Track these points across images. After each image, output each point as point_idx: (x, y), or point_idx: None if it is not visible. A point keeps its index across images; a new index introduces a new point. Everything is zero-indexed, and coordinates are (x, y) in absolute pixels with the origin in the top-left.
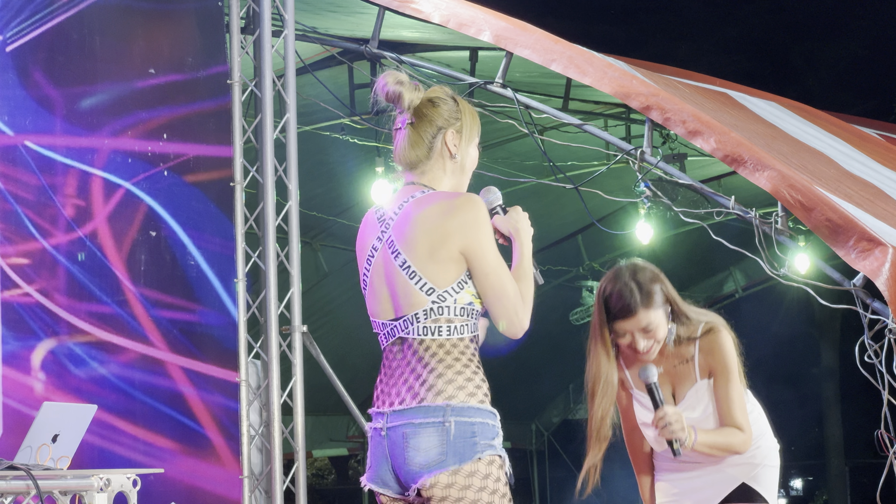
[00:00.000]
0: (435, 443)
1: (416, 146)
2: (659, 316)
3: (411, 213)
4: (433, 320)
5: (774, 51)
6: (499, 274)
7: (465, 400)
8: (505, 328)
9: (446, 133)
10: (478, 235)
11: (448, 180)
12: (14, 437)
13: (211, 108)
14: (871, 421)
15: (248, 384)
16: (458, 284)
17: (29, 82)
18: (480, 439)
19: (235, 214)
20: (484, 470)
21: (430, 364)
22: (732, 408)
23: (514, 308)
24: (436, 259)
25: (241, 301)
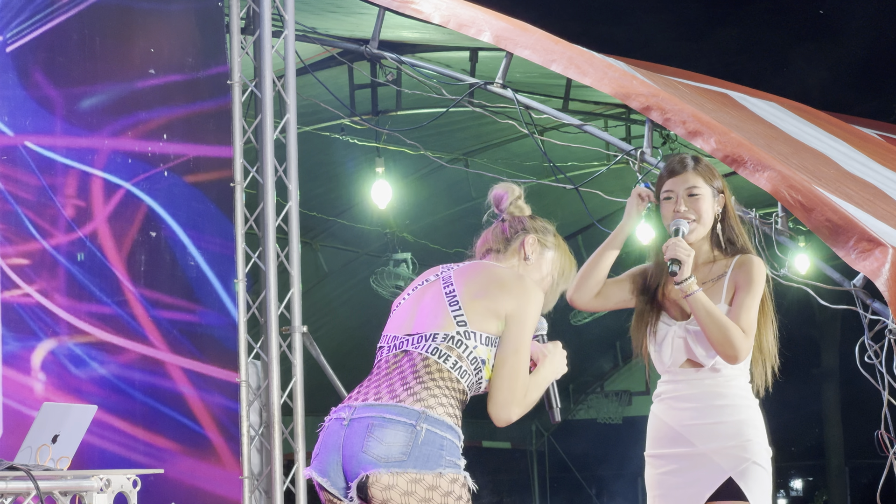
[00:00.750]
0: (400, 440)
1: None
2: (706, 190)
3: (482, 266)
4: (448, 347)
5: (774, 51)
6: (521, 359)
7: (442, 415)
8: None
9: (528, 237)
10: (528, 311)
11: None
12: (14, 437)
13: (211, 108)
14: (871, 421)
15: (248, 384)
16: (486, 338)
17: (29, 83)
18: (447, 454)
19: (235, 215)
20: (446, 487)
21: (423, 378)
22: (741, 312)
23: (513, 396)
24: (482, 304)
25: (241, 301)
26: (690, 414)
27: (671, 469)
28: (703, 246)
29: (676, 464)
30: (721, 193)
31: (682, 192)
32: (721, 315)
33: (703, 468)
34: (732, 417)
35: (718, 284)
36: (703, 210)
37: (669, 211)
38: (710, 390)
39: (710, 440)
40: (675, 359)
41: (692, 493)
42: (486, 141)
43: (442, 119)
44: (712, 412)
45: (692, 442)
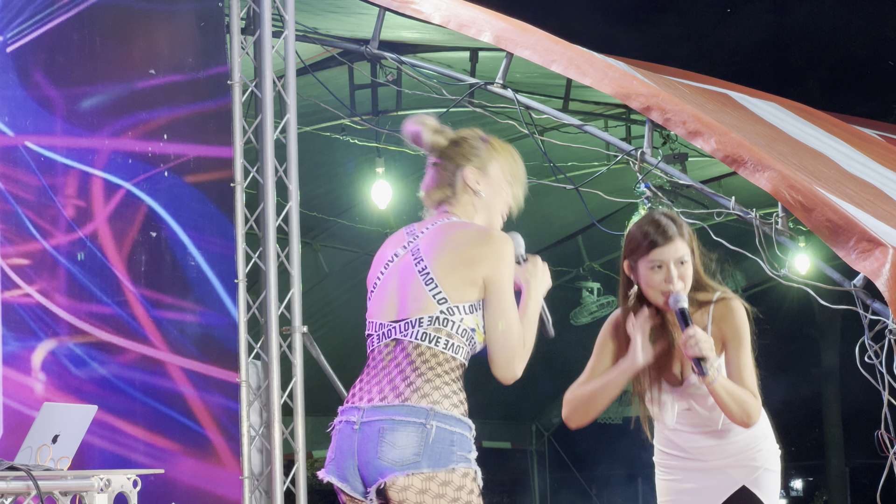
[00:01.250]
0: (413, 442)
1: (440, 186)
2: (687, 251)
3: (444, 231)
4: (435, 329)
5: (774, 51)
6: (511, 316)
7: (449, 409)
8: (498, 369)
9: (465, 170)
10: (503, 271)
11: (478, 216)
12: (14, 437)
13: (211, 108)
14: (871, 421)
15: (248, 385)
16: (469, 307)
17: (29, 83)
18: (458, 450)
19: (236, 215)
20: (458, 482)
21: (421, 369)
22: (744, 374)
23: (514, 353)
24: (457, 276)
25: (241, 301)
26: (698, 437)
27: (682, 478)
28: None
29: (688, 475)
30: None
31: (673, 263)
32: (738, 390)
33: (716, 479)
34: (741, 434)
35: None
36: (689, 276)
37: (658, 282)
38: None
39: (722, 457)
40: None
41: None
42: None
43: (442, 119)
44: (720, 434)
45: (703, 459)
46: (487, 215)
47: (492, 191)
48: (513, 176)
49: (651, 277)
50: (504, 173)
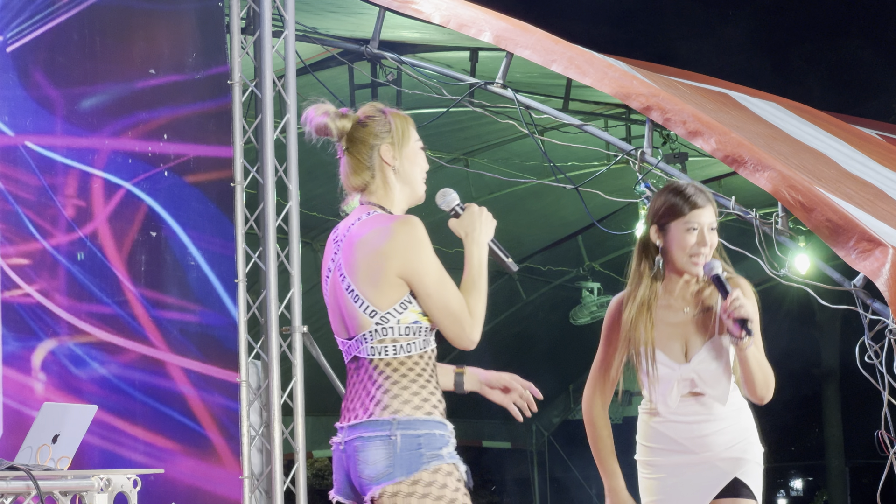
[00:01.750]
0: (382, 455)
1: (357, 171)
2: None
3: (355, 237)
4: (378, 341)
5: (774, 51)
6: (441, 292)
7: (411, 413)
8: (453, 342)
9: (381, 149)
10: (413, 258)
11: (398, 193)
12: (14, 437)
13: (211, 108)
14: (871, 421)
15: (248, 385)
16: (400, 305)
17: (29, 83)
18: (426, 450)
19: (236, 215)
20: (427, 478)
21: (378, 381)
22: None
23: (460, 323)
24: (375, 283)
25: (241, 301)
26: (690, 427)
27: (668, 475)
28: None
29: (675, 470)
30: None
31: (706, 226)
32: (764, 361)
33: (706, 473)
34: (732, 425)
35: (708, 316)
36: (716, 245)
37: (691, 244)
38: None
39: (712, 448)
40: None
41: (696, 495)
42: (486, 141)
43: (442, 119)
44: (711, 424)
45: (694, 451)
46: (410, 188)
47: (409, 161)
48: (410, 136)
49: (685, 239)
50: (404, 138)
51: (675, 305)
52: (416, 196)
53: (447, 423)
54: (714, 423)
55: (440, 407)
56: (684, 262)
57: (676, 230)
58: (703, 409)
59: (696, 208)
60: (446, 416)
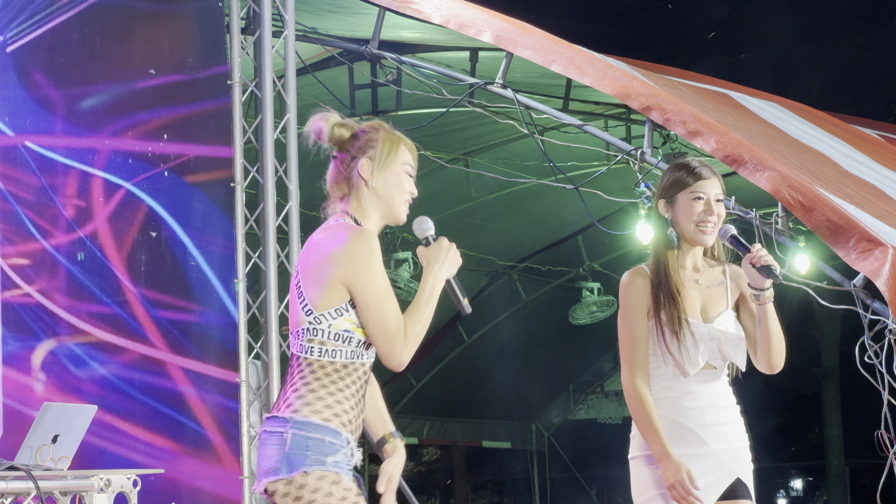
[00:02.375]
0: (274, 452)
1: (337, 180)
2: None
3: (315, 239)
4: (308, 339)
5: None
6: (379, 307)
7: (308, 415)
8: (383, 359)
9: (360, 162)
10: (359, 268)
11: (371, 210)
12: (14, 437)
13: (211, 108)
14: (871, 421)
15: (248, 384)
16: (336, 311)
17: (29, 83)
18: (313, 454)
19: (236, 215)
20: (313, 484)
21: (295, 379)
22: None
23: (392, 342)
24: (319, 285)
25: (241, 301)
26: (702, 414)
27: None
28: (700, 250)
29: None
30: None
31: (713, 196)
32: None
33: (715, 471)
34: (735, 419)
35: (721, 290)
36: (723, 216)
37: (698, 212)
38: (717, 392)
39: (722, 441)
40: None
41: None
42: (486, 141)
43: (442, 119)
44: (721, 414)
45: (707, 442)
46: (386, 208)
47: (388, 183)
48: (399, 161)
49: (692, 207)
50: (390, 160)
51: (690, 276)
52: (392, 217)
53: (342, 434)
54: (727, 412)
55: (343, 417)
56: (692, 231)
57: (683, 201)
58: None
59: (702, 179)
60: (446, 415)
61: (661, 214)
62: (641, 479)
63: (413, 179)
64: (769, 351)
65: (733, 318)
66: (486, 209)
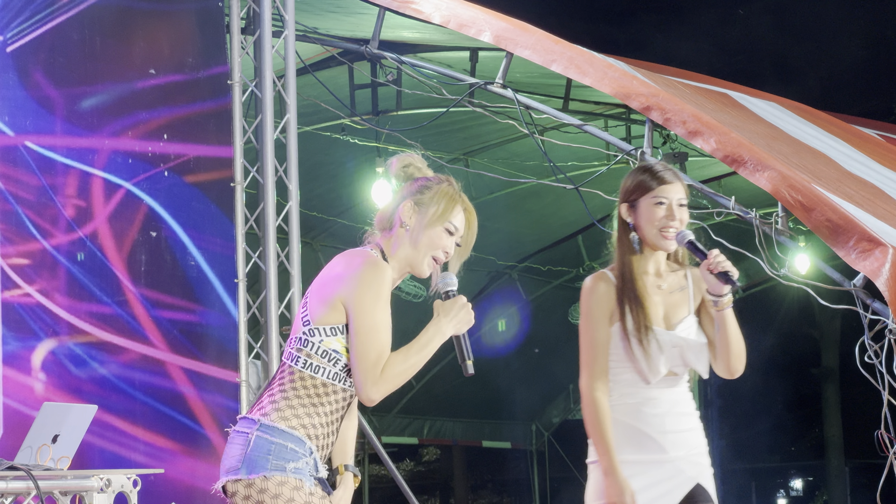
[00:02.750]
0: (237, 452)
1: (384, 213)
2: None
3: (336, 258)
4: (297, 349)
5: (774, 51)
6: (368, 338)
7: (276, 421)
8: (356, 389)
9: (405, 203)
10: (362, 294)
11: (400, 252)
12: (14, 437)
13: (211, 108)
14: (871, 421)
15: (248, 384)
16: (331, 329)
17: (29, 83)
18: (274, 458)
19: (236, 215)
20: (273, 490)
21: (274, 387)
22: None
23: (366, 374)
24: (322, 300)
25: (241, 301)
26: (662, 421)
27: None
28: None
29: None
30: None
31: (675, 201)
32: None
33: (674, 478)
34: (694, 425)
35: (683, 295)
36: (686, 221)
37: (660, 217)
38: (677, 399)
39: (681, 447)
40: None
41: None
42: (486, 141)
43: (442, 119)
44: (681, 420)
45: (666, 449)
46: (413, 257)
47: (424, 234)
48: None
49: (654, 212)
50: (446, 221)
51: (652, 281)
52: (414, 267)
53: (307, 443)
54: (686, 419)
55: (310, 430)
56: (654, 235)
57: (645, 205)
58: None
59: (664, 183)
60: (446, 415)
61: (623, 218)
62: (597, 486)
63: (454, 240)
64: (728, 356)
65: (695, 323)
66: (487, 209)
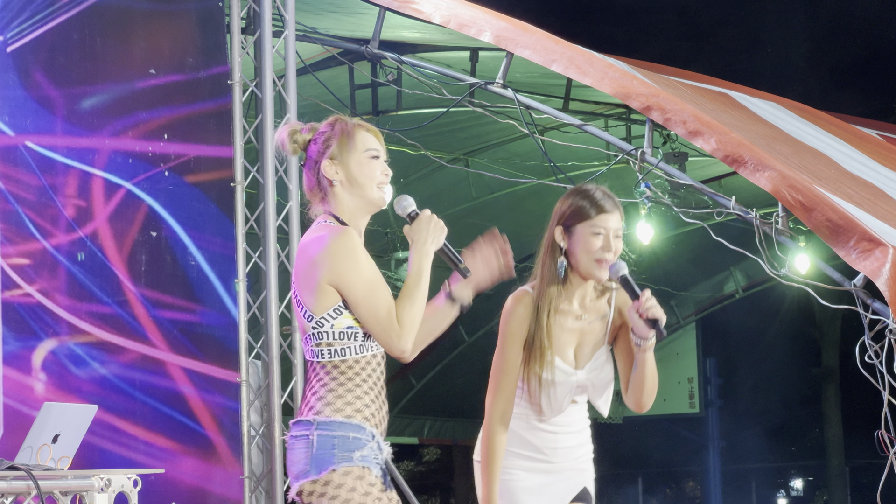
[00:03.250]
0: (302, 455)
1: (310, 186)
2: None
3: (301, 243)
4: (316, 344)
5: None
6: (369, 301)
7: (330, 415)
8: (386, 349)
9: (322, 165)
10: (342, 268)
11: (348, 204)
12: (14, 437)
13: (211, 108)
14: (871, 421)
15: (248, 384)
16: (334, 311)
17: (30, 83)
18: (339, 451)
19: (236, 215)
20: (337, 480)
21: (312, 382)
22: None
23: (387, 333)
24: (311, 290)
25: (241, 301)
26: (555, 438)
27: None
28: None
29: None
30: None
31: (612, 232)
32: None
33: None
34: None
35: (602, 324)
36: (619, 252)
37: (596, 248)
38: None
39: (570, 460)
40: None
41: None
42: (486, 141)
43: (442, 119)
44: (573, 437)
45: (553, 461)
46: (361, 197)
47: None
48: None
49: (591, 242)
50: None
51: (573, 311)
52: (370, 203)
53: (366, 428)
54: (578, 436)
55: (365, 412)
56: (588, 264)
57: (582, 233)
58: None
59: (603, 213)
60: (446, 415)
61: (555, 241)
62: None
63: (381, 161)
64: (641, 394)
65: (606, 355)
66: (487, 209)
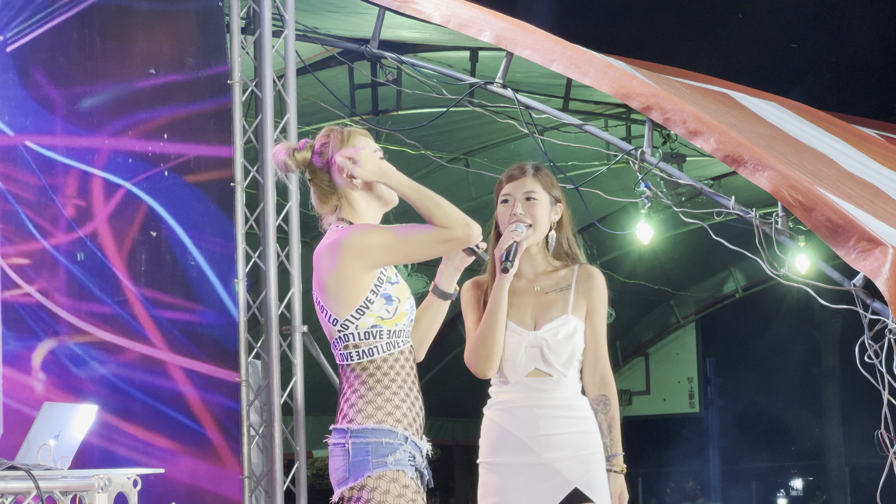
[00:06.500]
0: (340, 464)
1: (323, 199)
2: (543, 196)
3: (318, 251)
4: (343, 347)
5: (774, 51)
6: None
7: (362, 422)
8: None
9: (336, 167)
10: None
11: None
12: (14, 437)
13: (211, 108)
14: (871, 421)
15: (248, 384)
16: (357, 312)
17: (29, 82)
18: (373, 458)
19: (236, 214)
20: (372, 484)
21: (345, 389)
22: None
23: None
24: (331, 294)
25: (241, 301)
26: (535, 424)
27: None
28: (540, 255)
29: (518, 473)
30: (559, 203)
31: (520, 196)
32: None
33: (549, 480)
34: (577, 428)
35: (564, 295)
36: (538, 216)
37: (506, 214)
38: (555, 401)
39: (556, 450)
40: (526, 368)
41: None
42: (486, 141)
43: (442, 119)
44: (558, 423)
45: (536, 452)
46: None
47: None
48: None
49: (504, 211)
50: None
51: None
52: (386, 201)
53: (398, 432)
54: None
55: (396, 414)
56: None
57: (499, 206)
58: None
59: (512, 180)
60: (446, 415)
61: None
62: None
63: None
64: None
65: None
66: (487, 209)
